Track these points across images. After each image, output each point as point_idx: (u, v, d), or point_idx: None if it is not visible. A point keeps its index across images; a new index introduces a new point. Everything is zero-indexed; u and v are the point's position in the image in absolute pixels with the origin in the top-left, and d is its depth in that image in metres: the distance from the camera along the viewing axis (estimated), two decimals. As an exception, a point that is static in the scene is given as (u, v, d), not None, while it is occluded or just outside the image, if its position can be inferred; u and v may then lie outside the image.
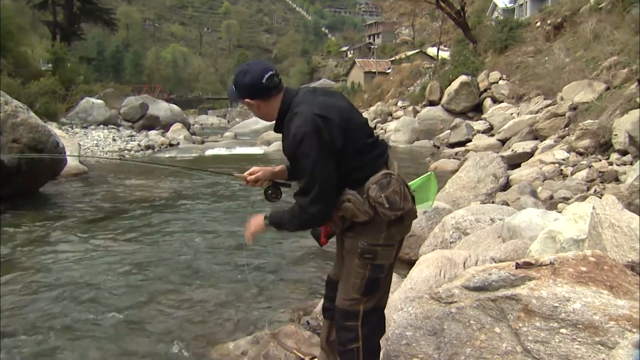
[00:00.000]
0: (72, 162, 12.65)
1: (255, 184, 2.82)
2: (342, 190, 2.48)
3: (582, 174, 8.40)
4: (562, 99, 15.15)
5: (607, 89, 12.94)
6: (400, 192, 2.47)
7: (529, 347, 2.45)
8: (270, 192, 2.83)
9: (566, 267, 2.61)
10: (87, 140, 20.06)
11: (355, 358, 2.56)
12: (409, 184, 2.68)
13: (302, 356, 3.44)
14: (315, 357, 3.25)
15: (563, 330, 2.38)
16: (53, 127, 13.36)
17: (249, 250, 6.70)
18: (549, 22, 25.54)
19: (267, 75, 2.50)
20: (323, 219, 2.49)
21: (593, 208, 3.39)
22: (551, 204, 7.29)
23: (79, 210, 9.22)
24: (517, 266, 2.69)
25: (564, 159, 9.84)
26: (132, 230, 7.91)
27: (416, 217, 2.67)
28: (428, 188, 3.13)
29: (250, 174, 2.81)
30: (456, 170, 9.08)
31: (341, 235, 2.67)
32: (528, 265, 2.67)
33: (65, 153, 11.16)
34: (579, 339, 2.33)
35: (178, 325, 4.58)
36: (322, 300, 4.26)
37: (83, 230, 7.91)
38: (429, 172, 2.85)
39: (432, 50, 52.72)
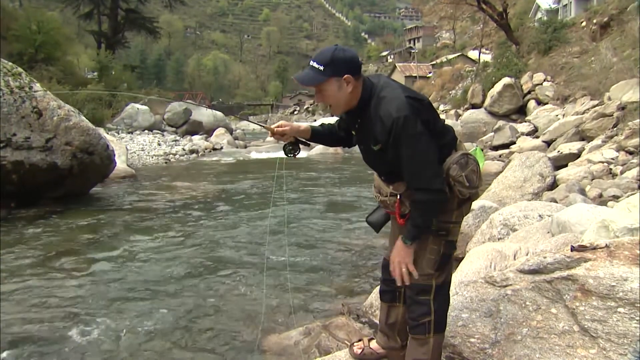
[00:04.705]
0: (120, 165, 12.91)
1: (281, 137, 2.85)
2: None
3: (633, 172, 8.23)
4: (609, 98, 14.87)
5: (657, 87, 12.69)
6: (476, 172, 2.55)
7: (586, 326, 2.46)
8: (290, 147, 2.88)
9: (622, 250, 2.61)
10: (133, 145, 20.44)
11: (426, 331, 2.61)
12: None
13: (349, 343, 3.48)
14: (355, 343, 3.28)
15: (621, 309, 2.39)
16: (101, 132, 13.64)
17: (297, 247, 6.83)
18: (594, 21, 25.08)
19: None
20: (445, 192, 2.46)
21: (648, 196, 3.38)
22: (600, 202, 7.13)
23: (127, 211, 9.46)
24: (573, 249, 2.71)
25: (612, 158, 9.66)
26: (181, 227, 8.09)
27: (479, 196, 2.72)
28: None
29: (278, 127, 2.85)
30: (500, 172, 8.98)
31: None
32: (583, 248, 2.69)
33: (114, 156, 11.40)
34: (637, 318, 2.34)
35: (229, 317, 4.68)
36: (370, 295, 4.34)
37: (131, 228, 8.12)
38: (475, 147, 2.87)
39: (473, 54, 52.27)
